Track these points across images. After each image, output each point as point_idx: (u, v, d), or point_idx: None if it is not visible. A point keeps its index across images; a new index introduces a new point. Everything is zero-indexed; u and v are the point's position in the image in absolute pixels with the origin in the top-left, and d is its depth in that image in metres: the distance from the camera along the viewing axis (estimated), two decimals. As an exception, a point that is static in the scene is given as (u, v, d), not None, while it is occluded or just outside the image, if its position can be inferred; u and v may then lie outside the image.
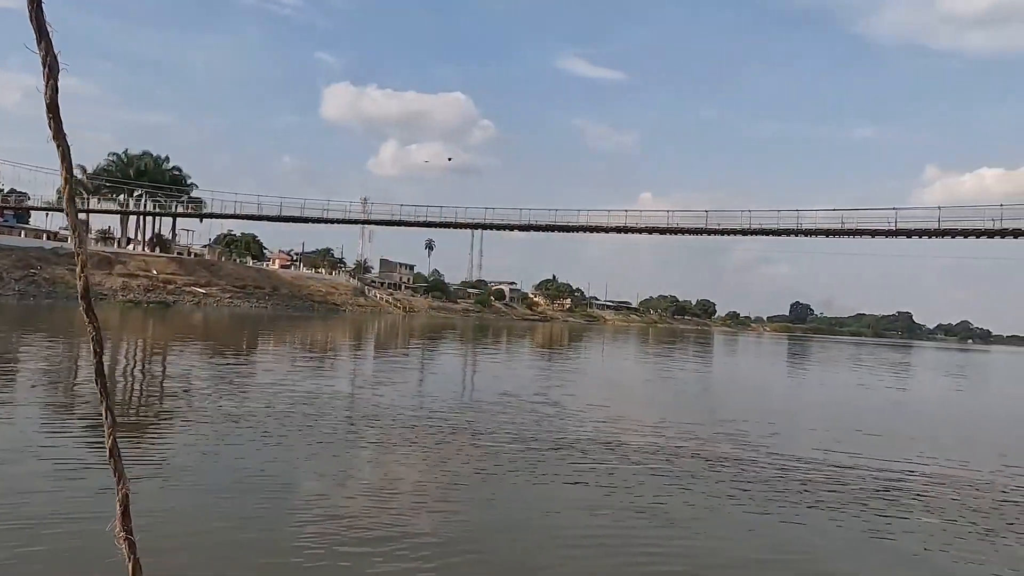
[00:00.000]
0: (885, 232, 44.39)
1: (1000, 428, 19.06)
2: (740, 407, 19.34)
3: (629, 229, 53.17)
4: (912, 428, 17.54)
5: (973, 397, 29.45)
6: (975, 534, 7.89)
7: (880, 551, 7.18)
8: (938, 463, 11.86)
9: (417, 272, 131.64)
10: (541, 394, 17.75)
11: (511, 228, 59.50)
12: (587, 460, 10.27)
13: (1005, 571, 6.79)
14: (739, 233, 49.50)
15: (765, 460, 11.11)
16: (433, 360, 29.16)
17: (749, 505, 8.48)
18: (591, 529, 7.20)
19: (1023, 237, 42.15)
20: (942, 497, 9.49)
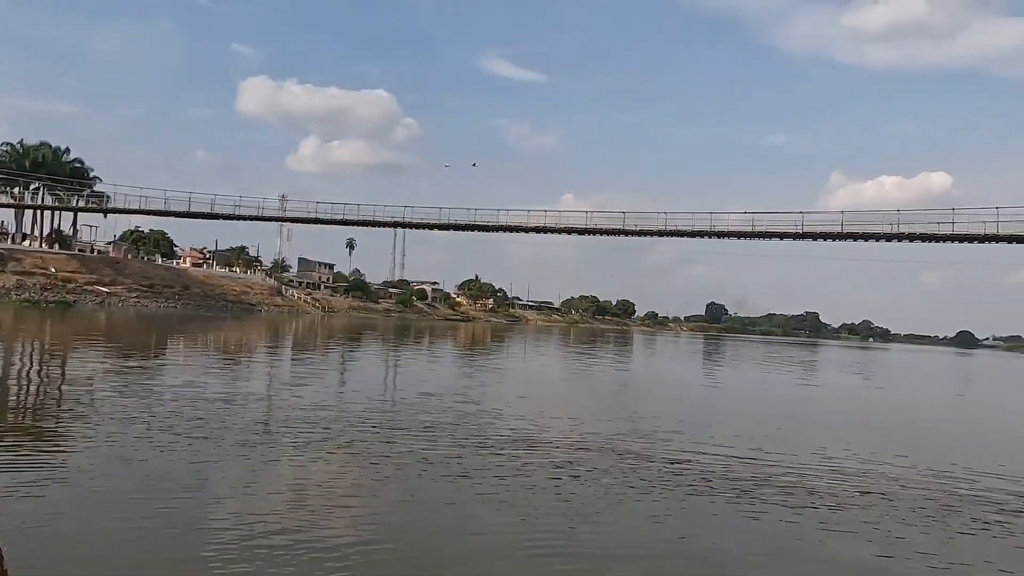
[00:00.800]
0: (792, 235, 46.37)
1: (895, 422, 20.19)
2: (655, 404, 19.83)
3: (548, 229, 53.66)
4: (814, 423, 18.41)
5: (872, 393, 31.12)
6: (868, 521, 8.35)
7: (778, 540, 7.55)
8: (836, 456, 12.48)
9: (337, 271, 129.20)
10: (461, 394, 17.75)
11: (430, 227, 59.06)
12: (506, 458, 10.34)
13: (886, 552, 7.23)
14: (655, 234, 50.76)
15: (677, 455, 11.45)
16: (352, 361, 28.71)
17: (659, 499, 8.73)
18: (506, 525, 7.27)
19: (917, 240, 44.78)
20: (836, 486, 10.01)
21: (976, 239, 42.79)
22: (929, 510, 8.94)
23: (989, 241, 42.66)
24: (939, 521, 8.48)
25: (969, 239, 43.08)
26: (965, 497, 9.75)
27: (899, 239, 44.58)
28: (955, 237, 43.22)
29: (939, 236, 43.54)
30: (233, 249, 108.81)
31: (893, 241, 45.00)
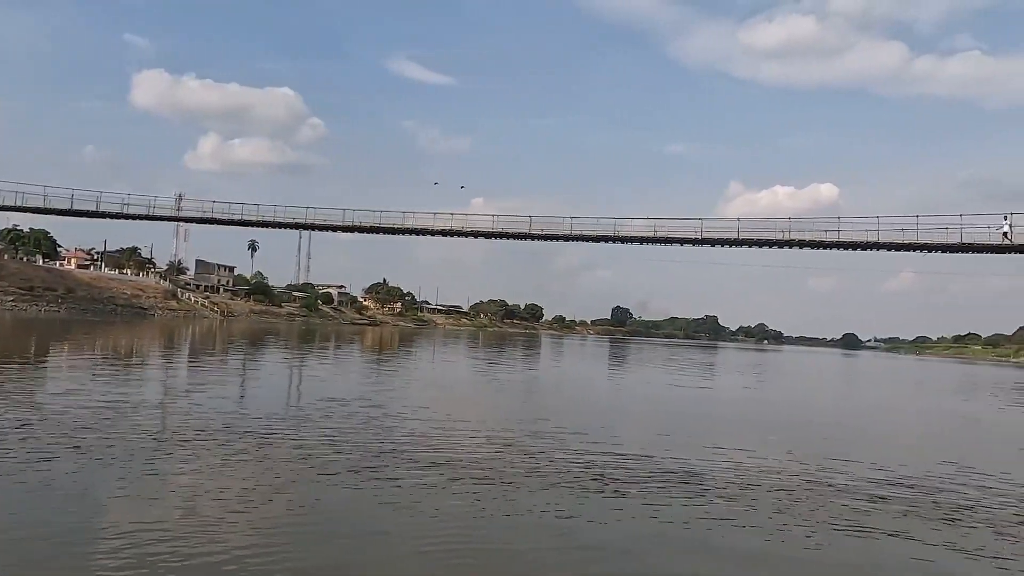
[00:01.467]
0: (692, 241, 48.05)
1: (784, 419, 21.23)
2: (561, 406, 20.14)
3: (455, 232, 53.41)
4: (711, 421, 19.14)
5: (765, 392, 32.63)
6: (752, 512, 8.79)
7: (672, 532, 7.83)
8: (728, 452, 13.05)
9: (239, 274, 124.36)
10: (367, 399, 17.45)
11: (334, 229, 57.58)
12: (410, 462, 10.26)
13: (767, 540, 7.67)
14: (561, 239, 51.35)
15: (579, 454, 11.69)
16: (253, 367, 27.71)
17: (559, 496, 8.90)
18: (409, 528, 7.22)
19: (807, 248, 47.27)
20: (727, 480, 10.49)
21: (859, 246, 45.54)
22: (808, 500, 9.48)
23: (871, 248, 45.48)
24: (816, 510, 8.99)
25: (853, 246, 45.80)
26: (841, 487, 10.39)
27: (790, 246, 46.92)
28: (841, 244, 45.87)
29: (826, 243, 46.10)
30: (124, 250, 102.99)
31: (785, 248, 47.32)
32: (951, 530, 8.47)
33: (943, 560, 7.40)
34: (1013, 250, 42.30)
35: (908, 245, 43.98)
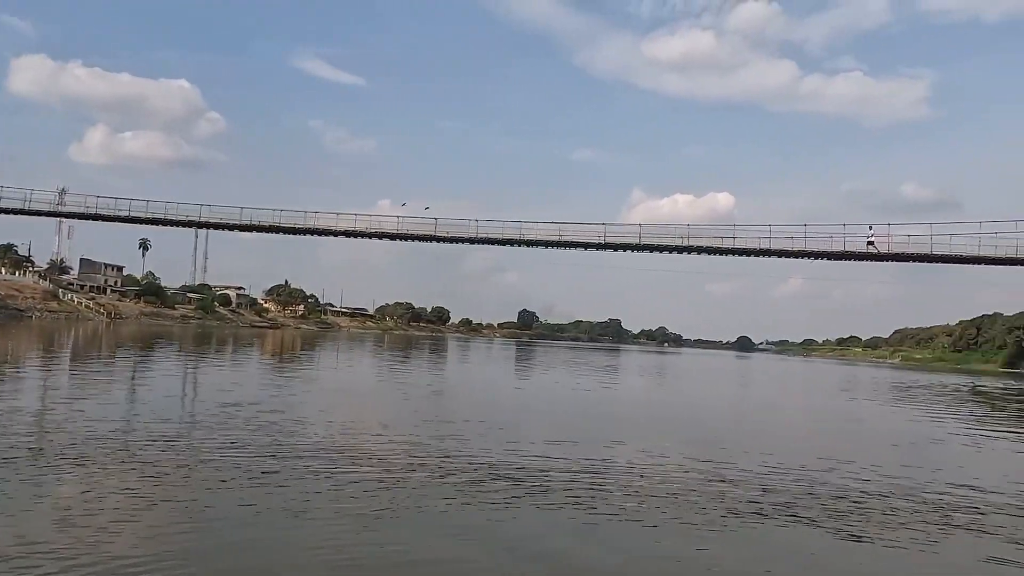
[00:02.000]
0: (596, 245, 49.04)
1: (681, 419, 21.99)
2: (466, 408, 20.16)
3: (358, 233, 52.33)
4: (613, 422, 19.59)
5: (665, 393, 33.71)
6: (657, 509, 9.09)
7: (572, 533, 8.00)
8: (632, 451, 13.49)
9: (128, 274, 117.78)
10: (265, 404, 16.91)
11: (231, 228, 54.94)
12: (310, 469, 10.04)
13: (660, 535, 7.95)
14: (466, 241, 51.26)
15: (482, 457, 11.75)
16: (142, 371, 26.30)
17: (461, 499, 8.93)
18: (306, 535, 7.08)
19: (705, 253, 49.14)
20: (631, 480, 10.84)
21: (753, 253, 47.75)
22: (700, 496, 9.89)
23: (763, 255, 47.78)
24: (708, 505, 9.39)
25: (747, 253, 47.98)
26: (732, 483, 10.88)
27: (689, 252, 48.65)
28: (736, 251, 47.96)
29: (723, 250, 48.09)
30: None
31: (684, 254, 49.02)
32: (832, 521, 8.97)
33: (824, 550, 7.85)
34: (877, 258, 45.40)
35: (797, 252, 46.38)
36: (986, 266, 44.81)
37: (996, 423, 25.25)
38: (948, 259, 44.46)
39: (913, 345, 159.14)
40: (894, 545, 8.08)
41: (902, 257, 45.18)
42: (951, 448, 17.78)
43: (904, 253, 44.62)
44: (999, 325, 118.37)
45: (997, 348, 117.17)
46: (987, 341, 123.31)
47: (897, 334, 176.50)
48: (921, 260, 44.97)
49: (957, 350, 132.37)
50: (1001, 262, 43.50)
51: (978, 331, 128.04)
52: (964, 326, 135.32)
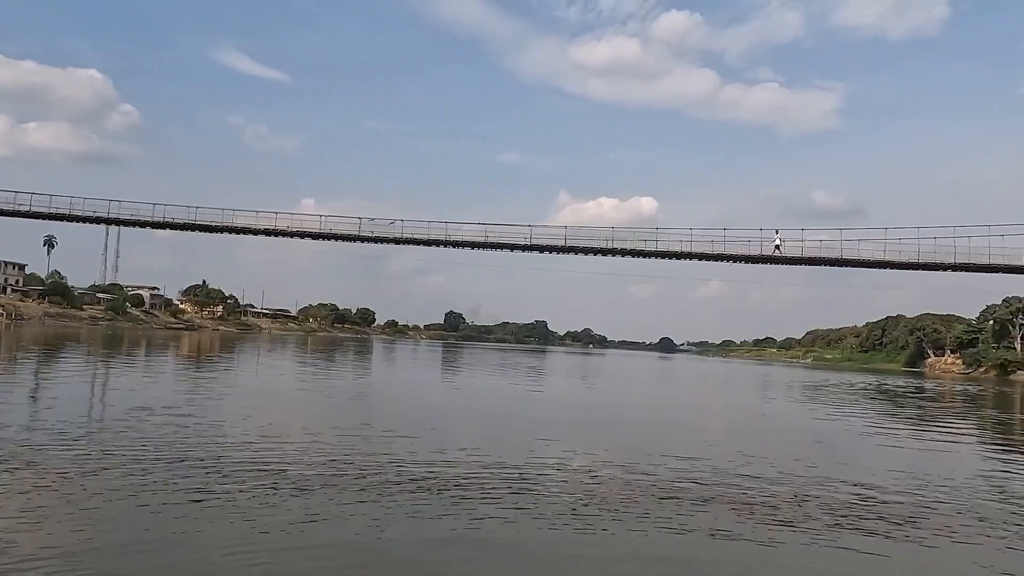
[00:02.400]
0: (522, 247, 49.35)
1: (605, 419, 22.21)
2: (391, 413, 19.79)
3: (279, 232, 51.00)
4: (539, 422, 19.60)
5: (590, 394, 34.06)
6: (577, 508, 9.14)
7: (494, 536, 7.94)
8: (557, 452, 13.49)
9: (31, 273, 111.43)
10: (180, 408, 16.23)
11: (143, 224, 52.39)
12: (227, 473, 9.69)
13: (583, 534, 8.00)
14: (391, 242, 50.73)
15: (405, 462, 11.55)
16: (45, 376, 24.80)
17: (381, 504, 8.75)
18: (221, 541, 6.81)
19: (628, 256, 50.05)
20: (554, 481, 10.84)
21: (674, 256, 48.98)
22: (622, 493, 10.02)
23: (684, 258, 49.08)
24: (628, 502, 9.52)
25: (670, 256, 49.19)
26: (652, 479, 11.09)
27: (614, 254, 49.53)
28: (658, 254, 49.09)
29: (646, 252, 49.14)
30: None
31: (608, 255, 49.82)
32: (744, 514, 9.21)
33: (741, 544, 8.03)
34: (791, 261, 47.33)
35: (717, 255, 47.81)
36: (891, 270, 47.24)
37: (898, 420, 26.54)
38: (856, 263, 46.65)
39: (824, 346, 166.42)
40: (804, 539, 8.33)
41: (815, 261, 47.13)
42: (857, 444, 18.62)
43: (817, 257, 46.57)
44: (902, 326, 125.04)
45: (900, 348, 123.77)
46: (891, 342, 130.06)
47: (809, 335, 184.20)
48: (832, 264, 47.02)
49: (864, 350, 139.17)
50: (904, 266, 45.93)
51: (883, 332, 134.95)
52: (870, 327, 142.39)
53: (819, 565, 7.51)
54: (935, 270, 46.15)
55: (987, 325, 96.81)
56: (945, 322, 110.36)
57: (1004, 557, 8.00)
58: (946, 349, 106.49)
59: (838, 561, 7.56)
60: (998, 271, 45.42)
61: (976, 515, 9.92)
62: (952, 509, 10.29)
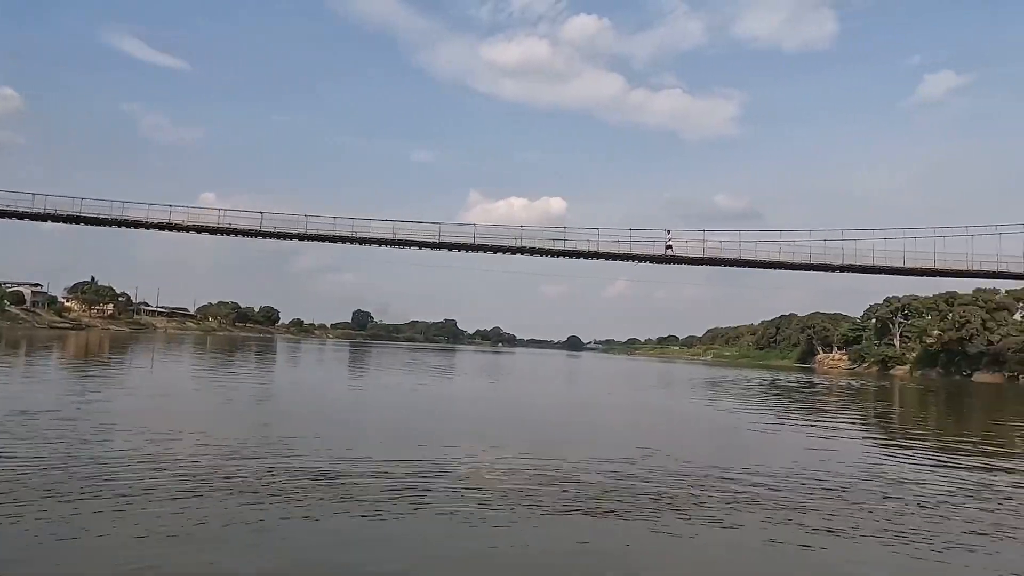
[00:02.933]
0: (431, 244, 48.99)
1: (514, 417, 22.26)
2: (291, 413, 19.24)
3: (173, 226, 48.54)
4: (446, 422, 19.44)
5: (498, 392, 34.10)
6: (483, 508, 9.08)
7: (402, 535, 7.85)
8: (463, 452, 13.47)
9: None
10: (62, 412, 15.23)
11: (19, 216, 48.10)
12: (107, 481, 9.14)
13: (476, 535, 7.98)
14: (295, 237, 49.06)
15: (307, 464, 11.25)
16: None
17: (274, 511, 8.48)
18: (108, 550, 6.47)
19: (538, 255, 50.45)
20: (459, 482, 10.83)
21: (582, 255, 49.76)
22: (531, 492, 10.03)
23: (592, 257, 49.94)
24: (536, 503, 9.55)
25: (578, 255, 49.92)
26: (560, 477, 11.18)
27: (523, 252, 49.84)
28: (566, 253, 49.75)
29: (554, 251, 49.72)
30: None
31: (517, 254, 50.09)
32: (640, 505, 9.43)
33: (639, 539, 8.23)
34: (694, 261, 49.02)
35: (623, 255, 48.88)
36: (785, 271, 49.60)
37: (790, 414, 27.82)
38: (754, 264, 48.73)
39: (723, 343, 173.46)
40: (703, 531, 8.56)
41: (715, 261, 48.90)
42: (750, 437, 19.41)
43: (717, 258, 48.33)
44: (794, 325, 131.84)
45: (792, 345, 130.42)
46: (784, 339, 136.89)
47: (709, 333, 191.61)
48: (731, 264, 48.94)
49: (760, 347, 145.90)
50: (797, 267, 48.34)
51: (777, 330, 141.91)
52: (765, 326, 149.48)
53: (707, 553, 7.75)
54: (825, 271, 48.79)
55: (870, 323, 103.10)
56: (833, 321, 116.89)
57: (879, 542, 8.44)
58: (834, 346, 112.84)
59: (722, 548, 7.86)
60: (881, 272, 48.44)
61: (855, 502, 10.45)
62: (833, 496, 10.80)
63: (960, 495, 11.40)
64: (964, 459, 15.79)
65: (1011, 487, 12.60)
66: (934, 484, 12.32)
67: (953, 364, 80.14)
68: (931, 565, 7.72)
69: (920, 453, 17.01)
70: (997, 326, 77.37)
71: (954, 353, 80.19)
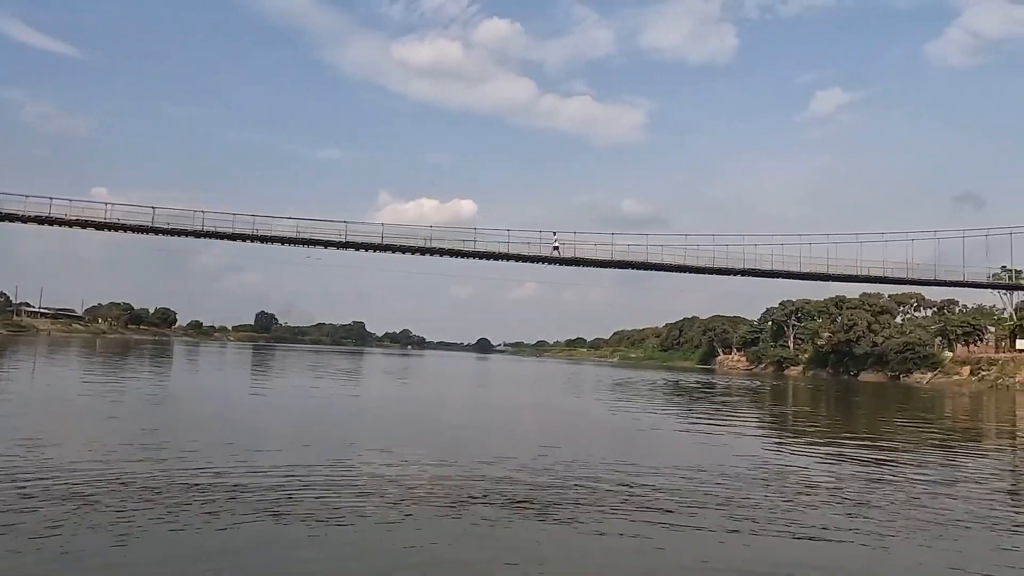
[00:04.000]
0: (337, 243, 47.64)
1: (421, 421, 21.81)
2: (186, 421, 18.18)
3: (53, 221, 45.10)
4: (350, 427, 18.80)
5: (406, 395, 33.49)
6: (383, 512, 8.65)
7: (302, 539, 7.35)
8: (366, 456, 12.98)
9: None
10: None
11: None
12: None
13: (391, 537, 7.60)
14: (191, 235, 46.43)
15: (206, 475, 10.59)
16: None
17: (171, 526, 7.90)
18: None
19: (447, 256, 50.04)
20: (360, 485, 10.37)
21: (493, 256, 49.69)
22: (434, 495, 9.76)
23: (502, 259, 49.92)
24: (441, 504, 9.25)
25: (488, 256, 49.81)
26: (466, 480, 10.90)
27: (432, 253, 49.31)
28: (477, 254, 49.53)
29: (465, 252, 49.45)
30: None
31: (427, 255, 49.52)
32: (555, 511, 9.26)
33: (546, 540, 8.04)
34: (604, 264, 49.86)
35: (533, 257, 49.09)
36: (688, 274, 51.14)
37: (691, 414, 28.56)
38: (662, 267, 50.00)
39: (629, 345, 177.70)
40: (608, 530, 8.49)
41: (625, 264, 49.90)
42: (653, 437, 19.77)
43: (626, 260, 49.31)
44: (696, 327, 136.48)
45: (695, 347, 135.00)
46: (687, 341, 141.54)
47: (616, 335, 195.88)
48: (641, 267, 50.05)
49: (664, 349, 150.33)
50: (702, 271, 49.91)
51: (680, 332, 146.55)
52: (669, 328, 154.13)
53: (610, 548, 7.70)
54: (728, 275, 50.58)
55: (767, 326, 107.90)
56: (732, 323, 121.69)
57: (768, 536, 8.60)
58: (734, 347, 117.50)
59: (625, 543, 7.91)
60: (779, 276, 50.64)
61: (748, 497, 10.71)
62: (728, 493, 11.03)
63: (845, 484, 12.09)
64: (850, 452, 16.73)
65: (890, 475, 13.44)
66: (821, 476, 13.06)
67: (842, 364, 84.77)
68: (817, 551, 8.02)
69: (809, 448, 17.88)
70: (881, 328, 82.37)
71: (843, 354, 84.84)
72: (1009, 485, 14.12)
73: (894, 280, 53.56)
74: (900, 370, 75.01)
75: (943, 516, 9.85)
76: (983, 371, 67.39)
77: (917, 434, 23.26)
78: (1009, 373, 64.16)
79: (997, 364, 66.79)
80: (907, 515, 9.94)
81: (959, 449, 19.38)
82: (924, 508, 10.41)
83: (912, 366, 74.17)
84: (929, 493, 11.71)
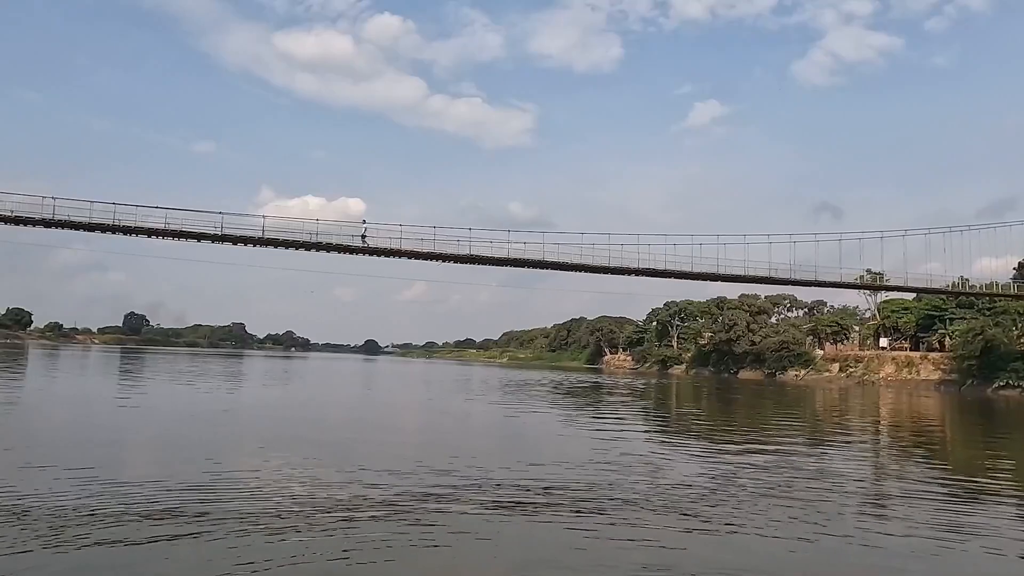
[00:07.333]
0: (212, 236, 43.77)
1: (303, 427, 20.17)
2: (40, 435, 15.97)
3: None
4: (232, 437, 17.70)
5: (286, 400, 31.39)
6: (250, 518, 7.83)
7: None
8: (244, 465, 12.31)
9: None
10: None
11: None
12: None
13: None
14: (38, 223, 40.44)
15: (49, 497, 9.30)
16: None
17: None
18: None
19: (334, 252, 47.55)
20: (240, 495, 9.70)
21: (384, 253, 47.71)
22: (321, 500, 9.67)
23: (394, 255, 48.04)
24: (327, 509, 9.04)
25: (379, 253, 47.78)
26: (355, 484, 10.71)
27: (318, 249, 46.68)
28: (366, 251, 47.39)
29: (354, 248, 47.13)
30: None
31: (312, 251, 46.85)
32: (442, 513, 9.37)
33: (413, 534, 8.23)
34: (498, 262, 49.03)
35: (427, 254, 47.56)
36: (577, 273, 51.16)
37: (577, 412, 28.38)
38: (557, 265, 49.71)
39: (518, 346, 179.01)
40: (502, 527, 8.74)
41: (519, 263, 49.17)
42: (542, 437, 19.73)
43: (522, 259, 48.61)
44: (584, 327, 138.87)
45: (582, 347, 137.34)
46: (575, 341, 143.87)
47: (505, 336, 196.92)
48: (536, 266, 49.49)
49: (552, 349, 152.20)
50: (597, 270, 50.06)
51: (568, 333, 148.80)
52: (557, 328, 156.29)
53: (499, 546, 7.99)
54: (623, 274, 50.91)
55: (651, 326, 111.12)
56: (618, 324, 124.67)
57: (645, 527, 8.99)
58: (620, 347, 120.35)
59: (513, 542, 8.27)
60: (672, 276, 51.52)
61: (633, 491, 11.39)
62: (615, 487, 11.63)
63: (718, 476, 13.27)
64: (726, 446, 17.93)
65: (765, 464, 14.68)
66: (701, 469, 14.16)
67: (723, 363, 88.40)
68: (705, 539, 8.60)
69: (690, 443, 19.11)
70: (759, 328, 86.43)
71: (723, 353, 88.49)
72: (871, 473, 15.52)
73: (779, 280, 55.81)
74: (776, 368, 78.94)
75: (806, 503, 10.82)
76: (851, 368, 71.98)
77: (788, 428, 24.52)
78: (873, 370, 68.83)
79: (863, 361, 71.51)
80: (771, 503, 10.80)
81: (827, 441, 21.08)
82: (788, 496, 11.40)
83: (787, 364, 78.31)
84: (789, 481, 12.84)
